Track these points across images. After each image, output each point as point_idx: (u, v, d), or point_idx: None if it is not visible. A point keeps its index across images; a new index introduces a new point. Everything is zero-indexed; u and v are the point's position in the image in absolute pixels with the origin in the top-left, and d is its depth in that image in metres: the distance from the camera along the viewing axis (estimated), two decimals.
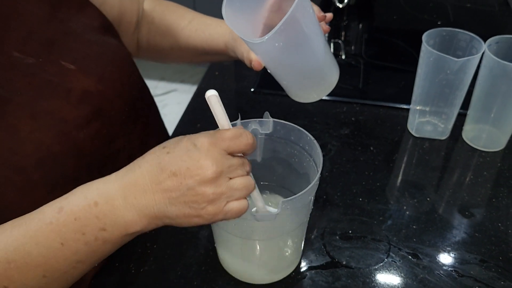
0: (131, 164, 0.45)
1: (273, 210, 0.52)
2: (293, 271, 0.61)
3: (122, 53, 0.65)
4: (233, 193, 0.44)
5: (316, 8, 0.65)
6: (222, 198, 0.44)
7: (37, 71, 0.54)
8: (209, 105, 0.46)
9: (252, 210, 0.50)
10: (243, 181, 0.45)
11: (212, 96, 0.45)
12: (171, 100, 2.27)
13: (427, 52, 0.72)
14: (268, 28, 0.56)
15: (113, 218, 0.43)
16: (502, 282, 0.60)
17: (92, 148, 0.57)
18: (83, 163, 0.55)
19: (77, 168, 0.54)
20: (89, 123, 0.56)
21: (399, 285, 0.60)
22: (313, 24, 0.53)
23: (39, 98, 0.53)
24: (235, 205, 0.45)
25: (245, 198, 0.46)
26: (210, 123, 0.54)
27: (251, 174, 0.51)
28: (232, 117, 0.56)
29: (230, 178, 0.44)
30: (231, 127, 0.47)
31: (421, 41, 0.73)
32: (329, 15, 0.66)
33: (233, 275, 0.61)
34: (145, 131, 0.70)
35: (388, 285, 0.60)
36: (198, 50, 0.77)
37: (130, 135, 0.65)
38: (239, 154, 0.46)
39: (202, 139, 0.44)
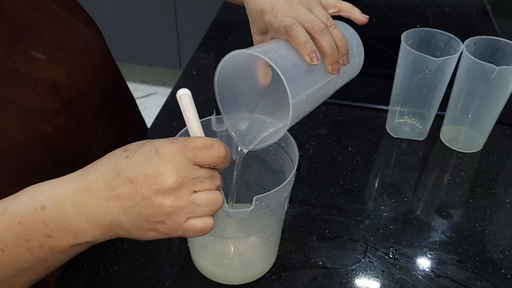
0: (88, 166, 0.41)
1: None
2: (268, 272, 0.60)
3: (96, 43, 0.63)
4: (195, 209, 0.40)
5: (357, 11, 0.58)
6: (182, 213, 0.39)
7: (3, 59, 0.52)
8: (180, 106, 0.41)
9: (225, 206, 0.48)
10: (208, 196, 0.40)
11: (184, 95, 0.40)
12: (150, 103, 2.24)
13: (406, 51, 0.71)
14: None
15: (61, 225, 0.39)
16: (479, 283, 0.59)
17: (59, 141, 0.54)
18: (49, 157, 0.53)
19: (42, 162, 0.52)
20: (58, 116, 0.54)
21: (376, 285, 0.59)
22: (310, 85, 0.48)
23: (4, 86, 0.50)
24: (197, 223, 0.40)
25: (211, 216, 0.42)
26: None
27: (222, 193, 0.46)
28: (208, 115, 0.54)
29: (195, 192, 0.40)
30: (203, 134, 0.43)
31: (399, 44, 0.72)
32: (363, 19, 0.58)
33: (206, 275, 0.59)
34: (122, 126, 0.68)
35: (364, 285, 0.59)
36: None
37: (105, 130, 0.63)
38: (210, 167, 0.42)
39: (166, 144, 0.40)
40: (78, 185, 0.40)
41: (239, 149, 0.52)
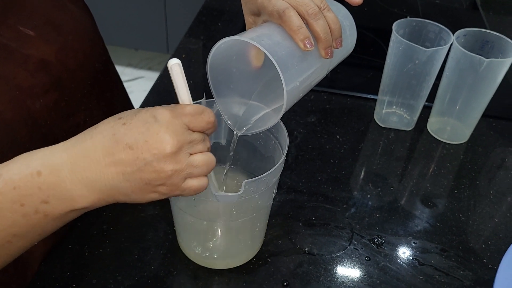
0: (82, 133, 0.42)
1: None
2: (254, 257, 0.60)
3: (86, 22, 0.62)
4: (192, 170, 0.42)
5: None
6: (181, 175, 0.41)
7: None
8: (171, 76, 0.43)
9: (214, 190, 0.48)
10: (204, 157, 0.42)
11: (175, 65, 0.42)
12: (137, 87, 2.22)
13: (397, 41, 0.71)
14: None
15: (57, 191, 0.40)
16: (461, 272, 0.60)
17: (48, 119, 0.53)
18: (37, 134, 0.52)
19: (31, 139, 0.51)
20: (47, 93, 0.53)
21: (361, 272, 0.60)
22: (303, 69, 0.48)
23: None
24: (194, 182, 0.43)
25: (205, 176, 0.43)
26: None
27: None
28: (198, 99, 0.54)
29: (191, 154, 0.42)
30: (192, 101, 0.44)
31: (390, 34, 0.72)
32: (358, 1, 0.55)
33: (193, 259, 0.59)
34: (110, 107, 0.67)
35: (349, 272, 0.59)
36: None
37: (93, 110, 0.62)
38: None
39: (162, 111, 0.41)
40: (75, 152, 0.40)
41: (235, 134, 0.51)
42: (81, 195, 0.40)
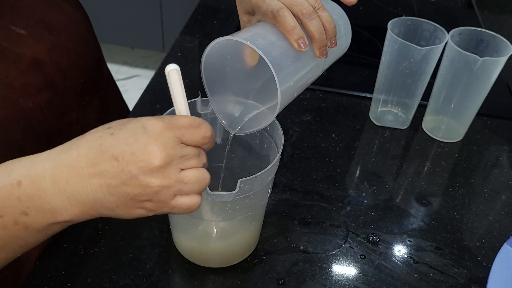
0: (69, 142, 0.39)
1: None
2: (249, 255, 0.60)
3: (79, 20, 0.62)
4: (182, 187, 0.39)
5: None
6: (170, 191, 0.39)
7: None
8: (168, 82, 0.41)
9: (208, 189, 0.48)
10: (196, 173, 0.40)
11: (173, 71, 0.40)
12: (133, 86, 2.21)
13: (392, 40, 0.72)
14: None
15: (38, 202, 0.38)
16: (456, 269, 0.61)
17: (41, 118, 0.53)
18: (30, 133, 0.52)
19: (23, 138, 0.51)
20: (39, 92, 0.53)
21: (356, 270, 0.60)
22: (297, 69, 0.48)
23: None
24: (185, 200, 0.40)
25: (198, 194, 0.41)
26: (171, 104, 0.51)
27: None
28: (193, 97, 0.54)
29: (182, 170, 0.39)
30: (189, 113, 0.42)
31: (385, 33, 0.73)
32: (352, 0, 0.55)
33: (188, 258, 0.59)
34: (103, 106, 0.67)
35: (345, 270, 0.60)
36: None
37: (86, 108, 0.62)
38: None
39: (153, 122, 0.39)
40: (58, 162, 0.38)
41: (230, 135, 0.51)
42: (62, 208, 0.38)
